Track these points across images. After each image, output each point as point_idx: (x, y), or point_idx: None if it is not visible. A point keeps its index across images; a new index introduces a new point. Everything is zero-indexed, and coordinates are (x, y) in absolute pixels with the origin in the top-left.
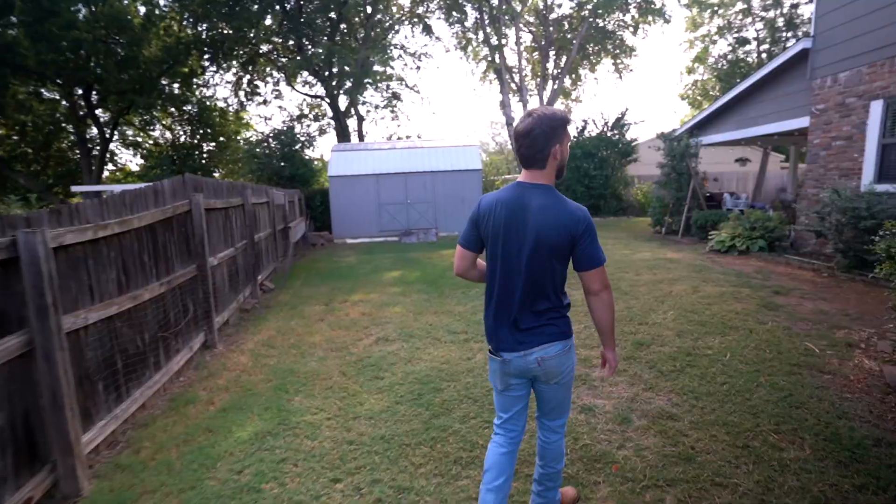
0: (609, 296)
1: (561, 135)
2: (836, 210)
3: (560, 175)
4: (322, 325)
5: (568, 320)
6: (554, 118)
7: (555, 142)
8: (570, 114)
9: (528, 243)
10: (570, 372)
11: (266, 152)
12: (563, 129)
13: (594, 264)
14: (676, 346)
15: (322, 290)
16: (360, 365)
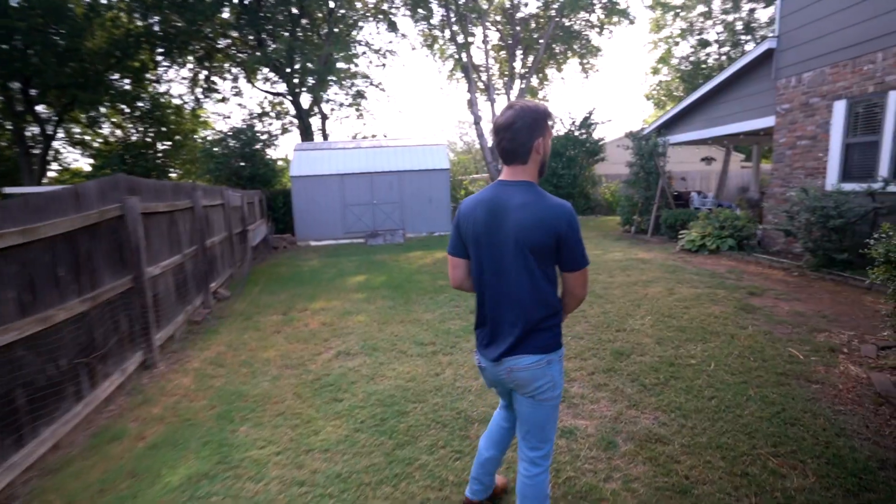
0: (585, 295)
1: (543, 128)
2: (805, 209)
3: (542, 172)
4: (278, 338)
5: (554, 332)
6: (536, 110)
7: (537, 134)
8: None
9: (508, 245)
10: (548, 388)
11: (225, 151)
12: (545, 121)
13: (580, 265)
14: (658, 355)
15: (281, 297)
16: (317, 385)
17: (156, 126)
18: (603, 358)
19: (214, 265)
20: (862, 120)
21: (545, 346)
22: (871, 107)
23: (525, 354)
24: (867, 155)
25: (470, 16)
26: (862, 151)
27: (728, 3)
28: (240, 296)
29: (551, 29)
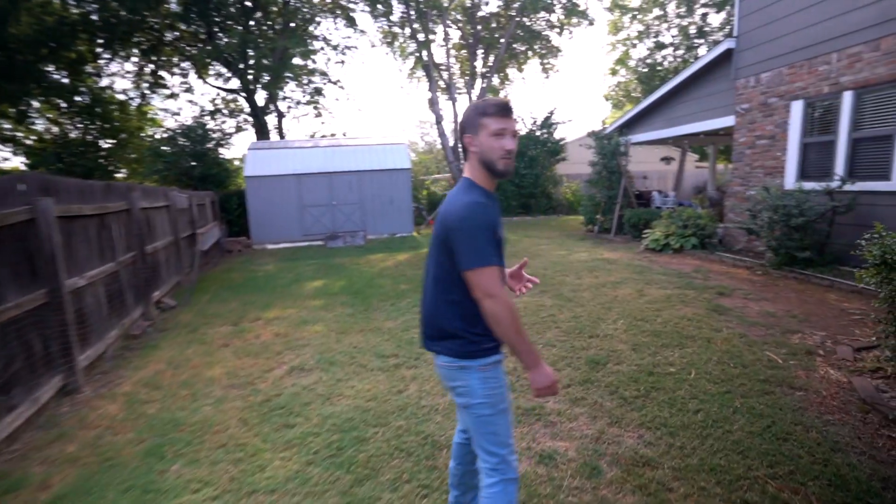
0: (494, 306)
1: (474, 124)
2: (767, 208)
3: (492, 170)
4: (226, 353)
5: (467, 341)
6: (470, 107)
7: (469, 131)
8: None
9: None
10: (465, 394)
11: (175, 150)
12: (477, 117)
13: (462, 267)
14: (635, 363)
15: (232, 306)
16: (266, 408)
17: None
18: (578, 368)
19: (158, 273)
20: (818, 120)
21: (456, 352)
22: (827, 107)
23: (444, 354)
24: (823, 154)
25: (430, 13)
26: (818, 151)
27: (682, 8)
28: (187, 305)
29: (512, 28)
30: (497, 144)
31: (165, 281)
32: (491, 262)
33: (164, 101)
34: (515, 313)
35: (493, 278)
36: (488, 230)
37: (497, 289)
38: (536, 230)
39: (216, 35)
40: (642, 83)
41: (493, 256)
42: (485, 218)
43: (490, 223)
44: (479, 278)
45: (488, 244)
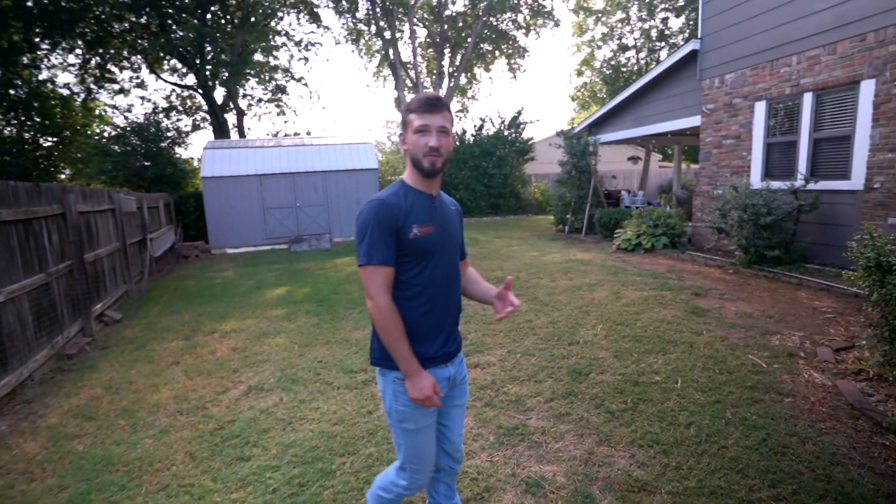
0: (372, 308)
1: (404, 121)
2: (737, 207)
3: (418, 168)
4: (175, 372)
5: (376, 346)
6: (407, 104)
7: (402, 130)
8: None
9: None
10: (384, 401)
11: (126, 149)
12: (406, 115)
13: (357, 262)
14: (619, 372)
15: (185, 317)
16: (218, 437)
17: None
18: (560, 379)
19: (100, 283)
20: (781, 121)
21: (371, 350)
22: (789, 108)
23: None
24: (787, 154)
25: (396, 10)
26: (782, 151)
27: (644, 11)
28: (134, 318)
29: (479, 28)
30: (422, 141)
31: (110, 292)
32: (376, 261)
33: (113, 97)
34: (393, 319)
35: (376, 279)
36: (383, 228)
37: (376, 290)
38: (507, 230)
39: (169, 28)
40: (607, 84)
41: (383, 256)
42: (380, 215)
43: (387, 221)
44: (363, 276)
45: (379, 243)
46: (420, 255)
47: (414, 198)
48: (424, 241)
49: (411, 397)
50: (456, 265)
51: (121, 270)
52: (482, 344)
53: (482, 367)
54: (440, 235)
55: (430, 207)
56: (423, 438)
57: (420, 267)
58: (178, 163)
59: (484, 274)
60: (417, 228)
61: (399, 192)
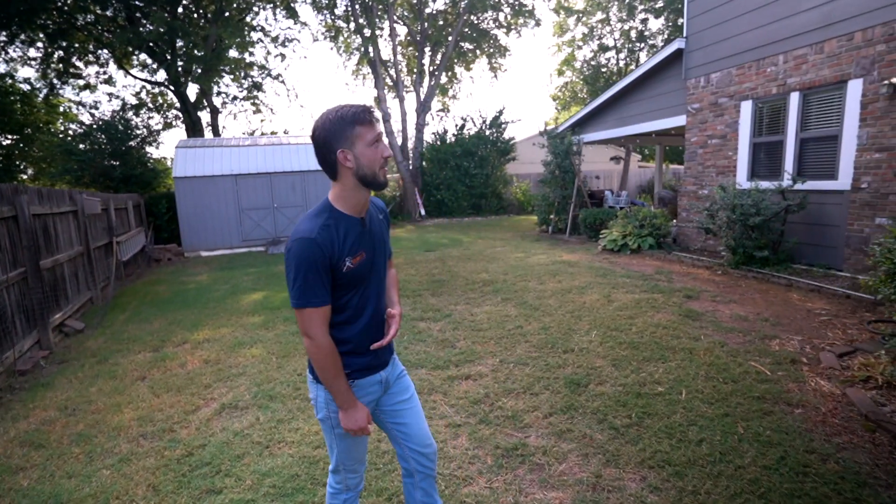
0: (310, 347)
1: (347, 136)
2: (725, 207)
3: (374, 184)
4: (141, 389)
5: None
6: (338, 116)
7: (339, 145)
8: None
9: None
10: (316, 409)
11: (93, 148)
12: (351, 128)
13: (292, 302)
14: (619, 383)
15: (154, 326)
16: (186, 465)
17: None
18: (557, 391)
19: (60, 290)
20: (767, 120)
21: (310, 368)
22: (775, 108)
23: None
24: (773, 154)
25: (376, 7)
26: (768, 150)
27: (623, 12)
28: (98, 327)
29: (460, 26)
30: (377, 154)
31: (72, 299)
32: (313, 304)
33: (78, 94)
34: (333, 357)
35: (315, 320)
36: (317, 269)
37: (315, 331)
38: (489, 231)
39: (138, 21)
40: (588, 84)
41: (320, 298)
42: (313, 255)
43: (320, 261)
44: (300, 318)
45: (315, 285)
46: (354, 284)
47: (345, 226)
48: (357, 270)
49: (346, 426)
50: (384, 277)
51: (84, 276)
52: (472, 353)
53: (474, 379)
54: (371, 258)
55: (361, 233)
56: (355, 442)
57: (353, 293)
58: (149, 162)
59: (469, 276)
60: (350, 261)
61: (328, 222)
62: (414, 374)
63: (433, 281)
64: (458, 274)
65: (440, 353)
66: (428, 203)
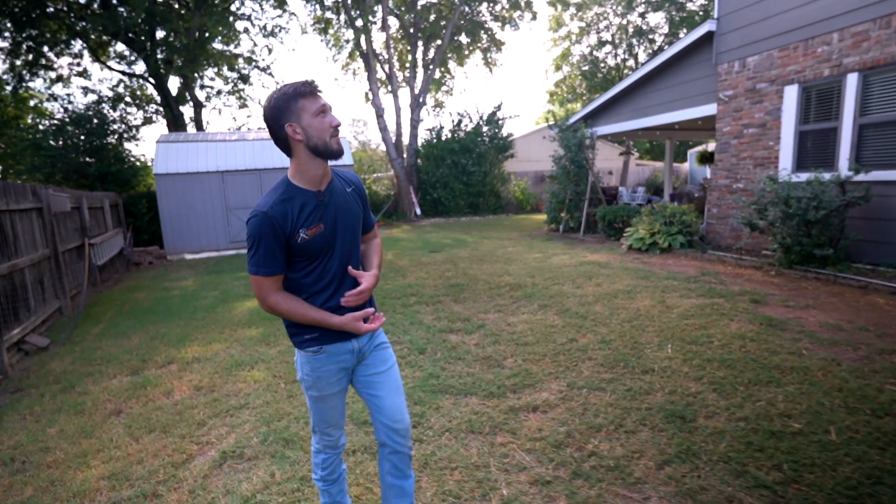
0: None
1: (292, 109)
2: (777, 201)
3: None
4: (115, 429)
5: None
6: (280, 92)
7: (289, 120)
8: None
9: None
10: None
11: (66, 143)
12: (296, 101)
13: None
14: (735, 416)
15: (134, 341)
16: None
17: None
18: (658, 427)
19: (20, 300)
20: (816, 105)
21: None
22: (827, 91)
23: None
24: (824, 143)
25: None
26: (818, 139)
27: (620, 6)
28: (66, 343)
29: (456, 17)
30: (326, 122)
31: (35, 311)
32: (263, 273)
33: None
34: (289, 304)
35: (265, 286)
36: (269, 241)
37: (265, 293)
38: (492, 230)
39: (114, 7)
40: (586, 79)
41: (270, 268)
42: (265, 229)
43: (273, 234)
44: (253, 282)
45: (267, 255)
46: (312, 255)
47: (301, 199)
48: (313, 241)
49: (363, 329)
50: (355, 250)
51: (51, 283)
52: (528, 374)
53: (543, 411)
54: (331, 231)
55: (318, 205)
56: (327, 405)
57: (314, 264)
58: (126, 158)
59: (490, 279)
60: (305, 232)
61: (284, 195)
62: (465, 406)
63: (450, 285)
64: (477, 277)
65: (487, 376)
66: (423, 202)
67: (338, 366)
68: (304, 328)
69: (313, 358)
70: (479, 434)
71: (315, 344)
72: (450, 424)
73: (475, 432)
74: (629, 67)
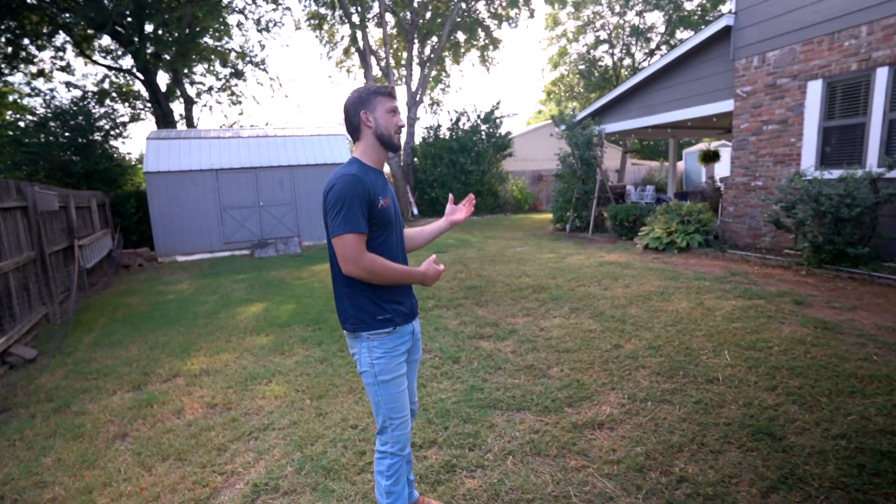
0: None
1: (368, 101)
2: (807, 199)
3: (389, 144)
4: (121, 457)
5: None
6: (361, 89)
7: (362, 107)
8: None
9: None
10: (357, 361)
11: (51, 139)
12: (373, 97)
13: (332, 232)
14: (828, 433)
15: (132, 351)
16: None
17: None
18: (746, 446)
19: (3, 307)
20: (842, 101)
21: (344, 318)
22: (854, 86)
23: (344, 322)
24: (850, 139)
25: None
26: (843, 135)
27: (617, 5)
28: (56, 354)
29: (454, 15)
30: (393, 120)
31: (20, 319)
32: (356, 230)
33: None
34: (383, 264)
35: (357, 245)
36: (360, 200)
37: (358, 254)
38: (495, 230)
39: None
40: (584, 78)
41: (362, 226)
42: (357, 188)
43: (362, 194)
44: (341, 245)
45: (357, 214)
46: (384, 225)
47: (373, 173)
48: (387, 211)
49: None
50: (402, 232)
51: (37, 288)
52: (580, 385)
53: (609, 427)
54: (394, 207)
55: (385, 183)
56: (397, 388)
57: (384, 235)
58: (114, 156)
59: (508, 281)
60: (382, 200)
61: (362, 167)
62: (521, 423)
63: (467, 287)
64: (493, 279)
65: (536, 388)
66: (421, 202)
67: (405, 346)
68: (376, 309)
69: (387, 338)
70: (546, 457)
71: (389, 324)
72: (510, 446)
73: (541, 454)
74: (626, 67)
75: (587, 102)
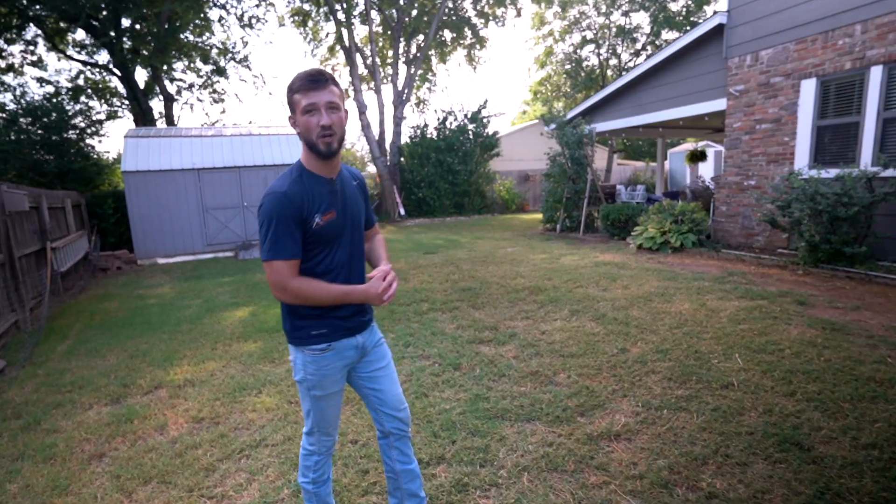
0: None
1: (290, 103)
2: (803, 197)
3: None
4: (98, 480)
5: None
6: (288, 85)
7: (291, 113)
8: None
9: None
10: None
11: (21, 137)
12: (291, 96)
13: (261, 257)
14: (861, 441)
15: (110, 361)
16: None
17: None
18: (778, 460)
19: None
20: (836, 100)
21: (283, 325)
22: (848, 85)
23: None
24: (844, 138)
25: None
26: (837, 134)
27: (603, 5)
28: (27, 365)
29: (441, 13)
30: (312, 121)
31: None
32: (282, 257)
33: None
34: (312, 288)
35: (284, 272)
36: (287, 222)
37: (284, 282)
38: (483, 231)
39: None
40: (571, 78)
41: (290, 252)
42: (284, 209)
43: (290, 214)
44: (269, 270)
45: (284, 238)
46: (325, 243)
47: (315, 184)
48: (327, 228)
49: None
50: (359, 242)
51: (6, 294)
52: (589, 392)
53: (626, 438)
54: (342, 219)
55: (331, 192)
56: (329, 404)
57: (325, 252)
58: (89, 155)
59: (503, 283)
60: (320, 217)
61: (299, 178)
62: (532, 435)
63: (461, 289)
64: (487, 280)
65: (544, 396)
66: (408, 202)
67: (343, 363)
68: (312, 323)
69: (320, 356)
70: (563, 472)
71: (323, 340)
72: (524, 461)
73: (558, 470)
74: (612, 67)
75: (574, 102)
